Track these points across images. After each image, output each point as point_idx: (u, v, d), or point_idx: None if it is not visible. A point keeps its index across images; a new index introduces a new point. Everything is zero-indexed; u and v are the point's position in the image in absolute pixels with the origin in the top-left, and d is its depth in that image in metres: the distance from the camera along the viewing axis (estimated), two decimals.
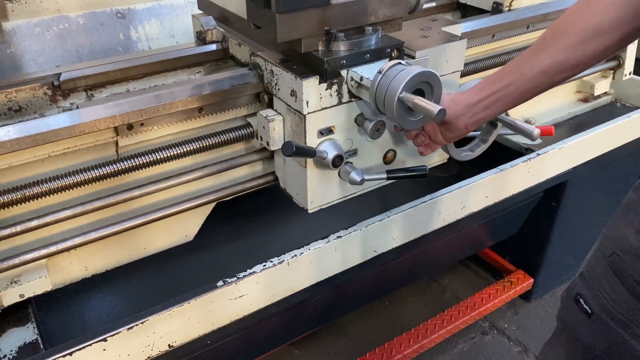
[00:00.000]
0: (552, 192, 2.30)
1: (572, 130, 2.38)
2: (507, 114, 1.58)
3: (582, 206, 2.45)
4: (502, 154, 2.12)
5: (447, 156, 1.81)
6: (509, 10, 2.15)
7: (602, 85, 2.60)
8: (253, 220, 1.99)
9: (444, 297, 2.75)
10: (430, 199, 1.79)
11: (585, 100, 2.63)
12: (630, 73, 2.61)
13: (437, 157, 1.81)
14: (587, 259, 1.22)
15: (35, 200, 1.39)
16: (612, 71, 2.62)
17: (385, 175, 1.59)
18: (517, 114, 2.37)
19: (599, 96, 2.64)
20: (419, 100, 1.31)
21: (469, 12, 2.32)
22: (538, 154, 2.05)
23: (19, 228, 1.42)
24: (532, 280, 2.63)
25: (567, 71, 1.19)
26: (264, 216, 1.99)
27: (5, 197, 1.34)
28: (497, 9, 2.17)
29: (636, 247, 1.03)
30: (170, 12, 2.17)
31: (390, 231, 1.74)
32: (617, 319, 1.07)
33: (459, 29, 1.78)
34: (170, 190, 1.60)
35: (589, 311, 1.13)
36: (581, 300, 1.16)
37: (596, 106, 2.64)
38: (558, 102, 2.56)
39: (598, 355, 1.13)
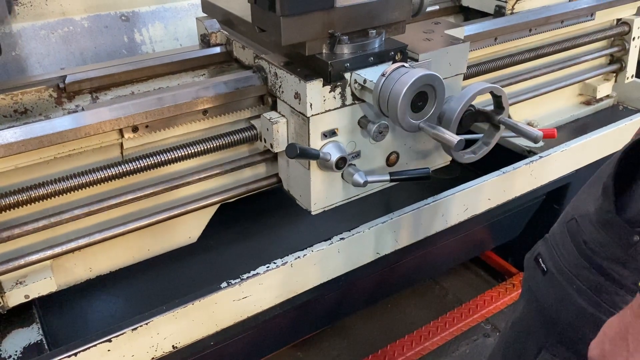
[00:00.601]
0: (555, 194, 2.30)
1: (574, 133, 2.39)
2: (509, 117, 1.59)
3: None
4: (504, 156, 2.12)
5: (450, 158, 1.82)
6: (512, 13, 2.16)
7: (604, 88, 2.60)
8: (256, 221, 2.00)
9: (446, 299, 2.75)
10: (433, 201, 1.80)
11: (587, 103, 2.64)
12: (632, 76, 2.61)
13: (440, 160, 1.81)
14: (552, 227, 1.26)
15: (40, 201, 1.39)
16: (615, 74, 2.62)
17: (388, 177, 1.59)
18: (519, 116, 2.38)
19: (601, 99, 2.64)
20: (438, 130, 1.34)
21: (471, 15, 2.33)
22: (540, 157, 2.05)
23: (24, 229, 1.43)
24: None
25: None
26: (267, 218, 2.00)
27: (11, 199, 1.35)
28: (499, 12, 2.18)
29: (591, 213, 1.08)
30: (174, 15, 2.18)
31: (393, 233, 1.75)
32: (565, 274, 1.13)
33: (461, 32, 1.79)
34: (174, 191, 1.61)
35: (545, 269, 1.20)
36: (540, 259, 1.23)
37: (598, 109, 2.65)
38: (561, 105, 2.57)
39: (547, 307, 1.19)
